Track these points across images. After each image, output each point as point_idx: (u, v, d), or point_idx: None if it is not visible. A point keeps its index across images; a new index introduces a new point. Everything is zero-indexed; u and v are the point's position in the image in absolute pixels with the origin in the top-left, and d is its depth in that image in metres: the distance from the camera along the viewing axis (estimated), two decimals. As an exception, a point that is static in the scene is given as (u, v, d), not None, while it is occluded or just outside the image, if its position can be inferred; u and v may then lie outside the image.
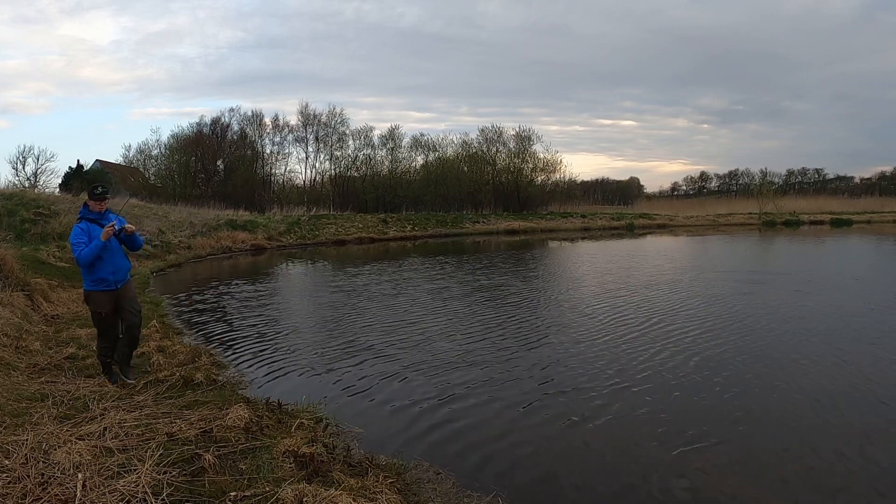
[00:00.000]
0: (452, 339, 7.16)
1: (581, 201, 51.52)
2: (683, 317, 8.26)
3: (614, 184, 66.11)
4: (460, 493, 3.34)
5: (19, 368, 5.06)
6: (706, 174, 72.00)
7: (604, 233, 32.46)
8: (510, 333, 7.42)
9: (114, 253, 4.78)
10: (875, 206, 47.18)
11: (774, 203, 42.07)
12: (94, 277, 4.71)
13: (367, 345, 6.89)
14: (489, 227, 33.52)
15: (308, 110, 43.12)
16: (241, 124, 41.86)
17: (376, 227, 29.38)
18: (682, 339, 6.91)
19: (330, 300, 10.43)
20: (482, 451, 3.97)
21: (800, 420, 4.44)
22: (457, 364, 6.03)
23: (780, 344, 6.67)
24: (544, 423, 4.48)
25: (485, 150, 44.85)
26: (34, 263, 11.01)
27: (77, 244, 4.61)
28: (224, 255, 20.17)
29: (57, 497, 2.61)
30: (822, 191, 60.87)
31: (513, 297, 10.38)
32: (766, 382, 5.30)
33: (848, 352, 6.25)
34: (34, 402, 4.11)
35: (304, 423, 4.06)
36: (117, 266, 4.80)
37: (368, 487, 3.06)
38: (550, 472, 3.70)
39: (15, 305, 7.19)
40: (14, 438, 3.15)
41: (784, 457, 3.81)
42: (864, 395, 4.94)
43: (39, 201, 17.49)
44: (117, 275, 4.81)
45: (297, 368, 5.98)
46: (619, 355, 6.26)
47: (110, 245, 4.71)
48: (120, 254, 4.88)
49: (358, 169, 43.62)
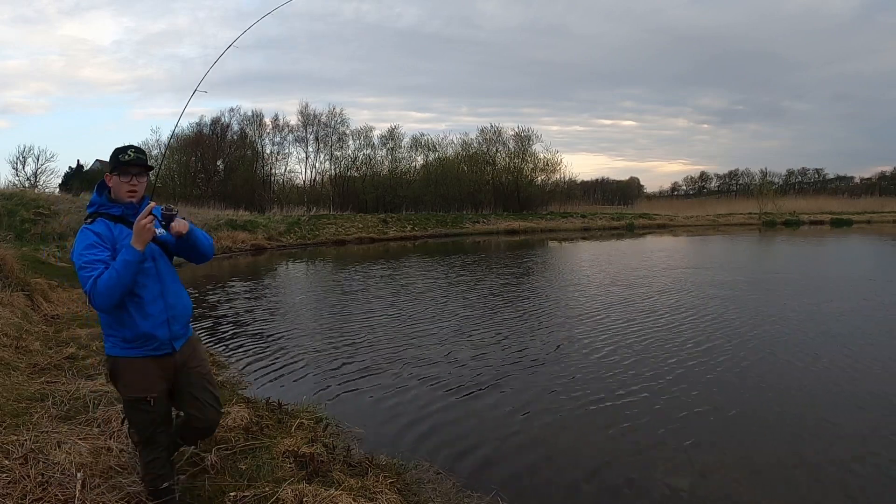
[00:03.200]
0: (452, 339, 7.16)
1: (581, 201, 51.47)
2: (687, 318, 8.25)
3: (614, 184, 66.06)
4: (460, 493, 3.34)
5: (19, 368, 5.06)
6: (706, 174, 71.98)
7: (604, 233, 32.44)
8: (511, 334, 7.41)
9: (161, 277, 2.51)
10: (875, 206, 47.14)
11: (774, 203, 42.05)
12: (126, 330, 2.42)
13: (368, 345, 6.89)
14: (489, 227, 33.50)
15: (308, 110, 43.11)
16: (241, 124, 41.87)
17: (376, 227, 29.37)
18: (687, 342, 6.90)
19: (330, 300, 10.43)
20: (482, 452, 3.97)
21: (802, 420, 4.44)
22: (457, 364, 6.03)
23: (790, 344, 6.67)
24: (545, 423, 4.48)
25: (485, 150, 44.87)
26: (34, 263, 11.02)
27: (88, 266, 2.28)
28: (224, 255, 20.16)
29: (57, 497, 2.61)
30: (822, 191, 60.82)
31: (513, 297, 10.38)
32: (776, 381, 5.31)
33: (865, 352, 6.25)
34: (34, 402, 4.11)
35: (304, 423, 4.06)
36: (171, 302, 2.51)
37: (368, 487, 3.06)
38: (551, 472, 3.70)
39: (15, 305, 7.19)
40: (14, 438, 3.15)
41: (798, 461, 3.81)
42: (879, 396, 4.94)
43: (39, 201, 17.50)
44: (175, 323, 2.52)
45: (298, 368, 5.97)
46: (621, 356, 6.25)
47: (153, 263, 2.49)
48: (173, 277, 2.58)
49: (358, 169, 43.62)
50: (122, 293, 2.27)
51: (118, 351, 2.44)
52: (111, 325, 2.43)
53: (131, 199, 2.48)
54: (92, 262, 2.27)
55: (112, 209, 2.47)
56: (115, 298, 2.26)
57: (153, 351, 2.45)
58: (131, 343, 2.42)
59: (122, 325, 2.40)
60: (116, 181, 2.47)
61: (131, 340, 2.41)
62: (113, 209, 2.47)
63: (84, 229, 2.39)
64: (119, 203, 2.48)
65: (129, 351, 2.42)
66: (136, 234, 2.30)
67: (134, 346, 2.42)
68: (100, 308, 2.28)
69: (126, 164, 2.45)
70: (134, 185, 2.47)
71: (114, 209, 2.47)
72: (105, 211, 2.46)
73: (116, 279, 2.24)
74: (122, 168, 2.45)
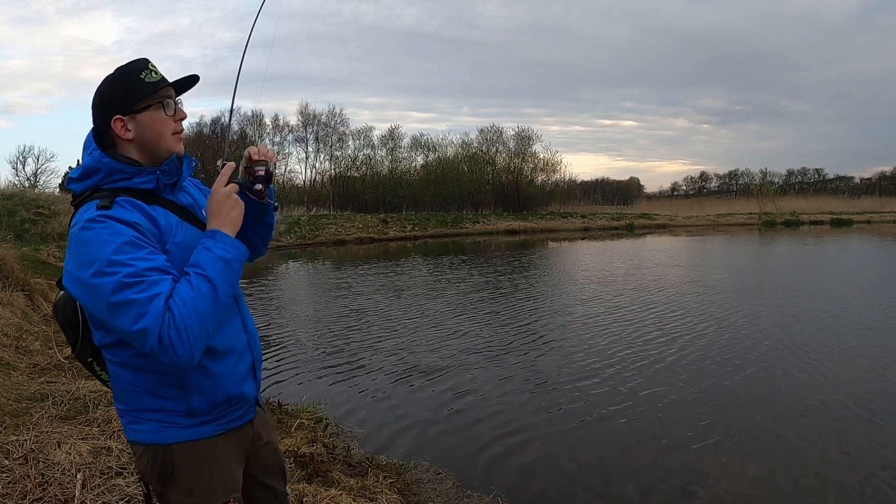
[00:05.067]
0: (453, 339, 7.16)
1: (581, 201, 51.46)
2: (689, 320, 8.25)
3: (614, 184, 66.02)
4: (460, 493, 3.34)
5: (19, 368, 5.06)
6: (706, 174, 71.95)
7: (604, 233, 32.43)
8: (512, 334, 7.41)
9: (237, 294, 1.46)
10: (875, 206, 47.12)
11: (774, 203, 42.01)
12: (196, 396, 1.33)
13: (367, 345, 6.89)
14: (489, 227, 33.49)
15: (308, 110, 43.14)
16: (241, 124, 41.85)
17: (376, 227, 29.37)
18: (690, 343, 6.90)
19: (330, 300, 10.42)
20: (482, 451, 3.97)
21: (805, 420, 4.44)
22: (457, 364, 6.03)
23: (798, 344, 6.67)
24: (545, 423, 4.48)
25: (485, 150, 44.87)
26: (34, 263, 11.01)
27: (138, 283, 1.14)
28: (224, 255, 20.12)
29: (57, 497, 2.61)
30: (822, 191, 60.77)
31: (513, 297, 10.38)
32: (778, 381, 5.30)
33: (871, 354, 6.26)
34: (34, 402, 4.11)
35: (304, 423, 4.06)
36: (252, 333, 1.50)
37: (368, 487, 3.07)
38: (551, 472, 3.70)
39: (15, 305, 7.19)
40: (14, 438, 3.15)
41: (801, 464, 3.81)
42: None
43: (39, 201, 17.48)
44: (259, 368, 1.52)
45: (297, 368, 5.98)
46: (622, 356, 6.25)
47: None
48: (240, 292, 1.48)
49: (358, 169, 43.62)
50: (217, 324, 1.25)
51: (176, 434, 1.34)
52: (155, 393, 1.32)
53: (177, 149, 1.39)
54: (144, 272, 1.16)
55: (138, 178, 1.31)
56: (209, 336, 1.22)
57: (235, 421, 1.43)
58: (203, 416, 1.36)
59: (182, 387, 1.31)
60: (149, 119, 1.33)
61: (204, 412, 1.35)
62: (139, 178, 1.31)
63: (99, 218, 1.20)
64: (144, 164, 1.34)
65: (196, 430, 1.35)
66: (219, 209, 1.33)
67: (206, 419, 1.37)
68: (184, 360, 1.16)
69: (161, 84, 1.35)
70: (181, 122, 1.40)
71: (141, 177, 1.31)
72: (124, 183, 1.30)
73: (211, 297, 1.20)
74: (158, 93, 1.34)
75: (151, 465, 1.34)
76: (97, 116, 1.33)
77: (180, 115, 1.39)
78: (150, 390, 1.31)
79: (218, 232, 1.29)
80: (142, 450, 1.36)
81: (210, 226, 1.32)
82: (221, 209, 1.33)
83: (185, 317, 1.15)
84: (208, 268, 1.22)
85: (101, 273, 1.14)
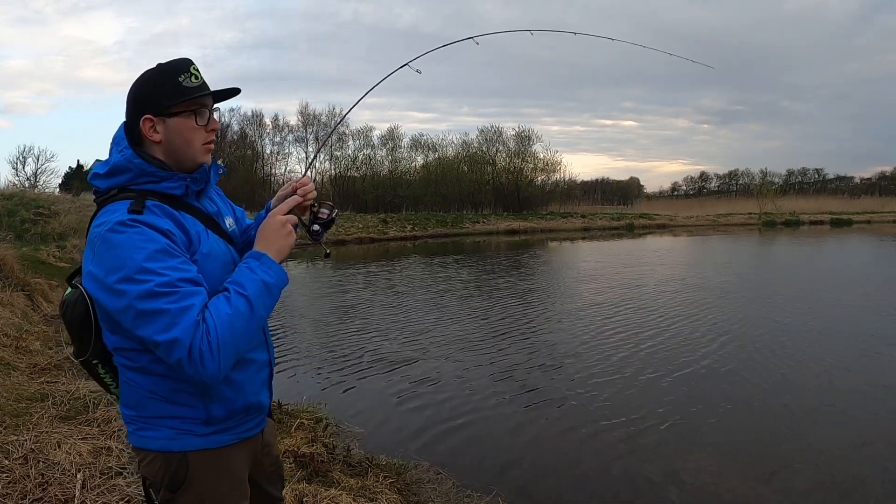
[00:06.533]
0: (452, 339, 7.16)
1: (581, 201, 51.50)
2: (691, 320, 8.25)
3: (614, 184, 66.07)
4: (460, 493, 3.34)
5: (19, 368, 5.06)
6: (706, 174, 71.99)
7: (604, 233, 32.44)
8: (512, 334, 7.41)
9: None
10: (875, 206, 47.15)
11: (774, 203, 42.02)
12: (216, 404, 1.33)
13: (367, 345, 6.89)
14: (489, 227, 33.51)
15: (308, 110, 43.16)
16: (241, 124, 41.89)
17: (376, 227, 29.37)
18: (693, 344, 6.90)
19: (329, 300, 10.43)
20: (482, 451, 3.97)
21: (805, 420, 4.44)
22: (457, 364, 6.03)
23: (802, 343, 6.67)
24: (545, 423, 4.48)
25: (485, 150, 44.87)
26: (34, 263, 11.01)
27: (172, 293, 1.14)
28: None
29: (57, 497, 2.61)
30: (822, 191, 60.83)
31: (513, 297, 10.38)
32: (779, 380, 5.31)
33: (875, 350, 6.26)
34: (34, 402, 4.11)
35: (304, 423, 4.06)
36: (271, 344, 1.57)
37: (368, 487, 3.07)
38: (551, 472, 3.69)
39: (15, 305, 7.19)
40: (14, 438, 3.15)
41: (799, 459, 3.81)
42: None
43: (39, 201, 17.47)
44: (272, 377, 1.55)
45: (297, 368, 5.98)
46: (622, 357, 6.25)
47: None
48: None
49: (358, 169, 43.64)
50: (248, 346, 1.29)
51: (190, 442, 1.32)
52: (172, 400, 1.30)
53: (205, 161, 1.38)
54: (177, 282, 1.16)
55: (167, 182, 1.30)
56: (238, 356, 1.22)
57: (248, 431, 1.44)
58: (219, 425, 1.35)
59: (202, 396, 1.31)
60: (180, 126, 1.31)
61: (222, 421, 1.35)
62: (168, 182, 1.31)
63: (130, 223, 1.18)
64: (172, 170, 1.32)
65: (211, 439, 1.34)
66: (272, 235, 1.37)
67: (222, 428, 1.36)
68: (211, 375, 1.16)
69: (199, 91, 1.31)
70: (214, 133, 1.38)
71: (170, 182, 1.31)
72: (151, 186, 1.29)
73: (247, 317, 1.21)
74: (195, 100, 1.31)
75: (163, 472, 1.32)
76: (128, 111, 1.32)
77: (213, 126, 1.37)
78: (168, 397, 1.30)
79: (264, 255, 1.31)
80: (151, 456, 1.33)
81: (258, 247, 1.34)
82: (274, 235, 1.36)
83: (220, 332, 1.15)
84: (249, 288, 1.23)
85: (131, 280, 1.13)
